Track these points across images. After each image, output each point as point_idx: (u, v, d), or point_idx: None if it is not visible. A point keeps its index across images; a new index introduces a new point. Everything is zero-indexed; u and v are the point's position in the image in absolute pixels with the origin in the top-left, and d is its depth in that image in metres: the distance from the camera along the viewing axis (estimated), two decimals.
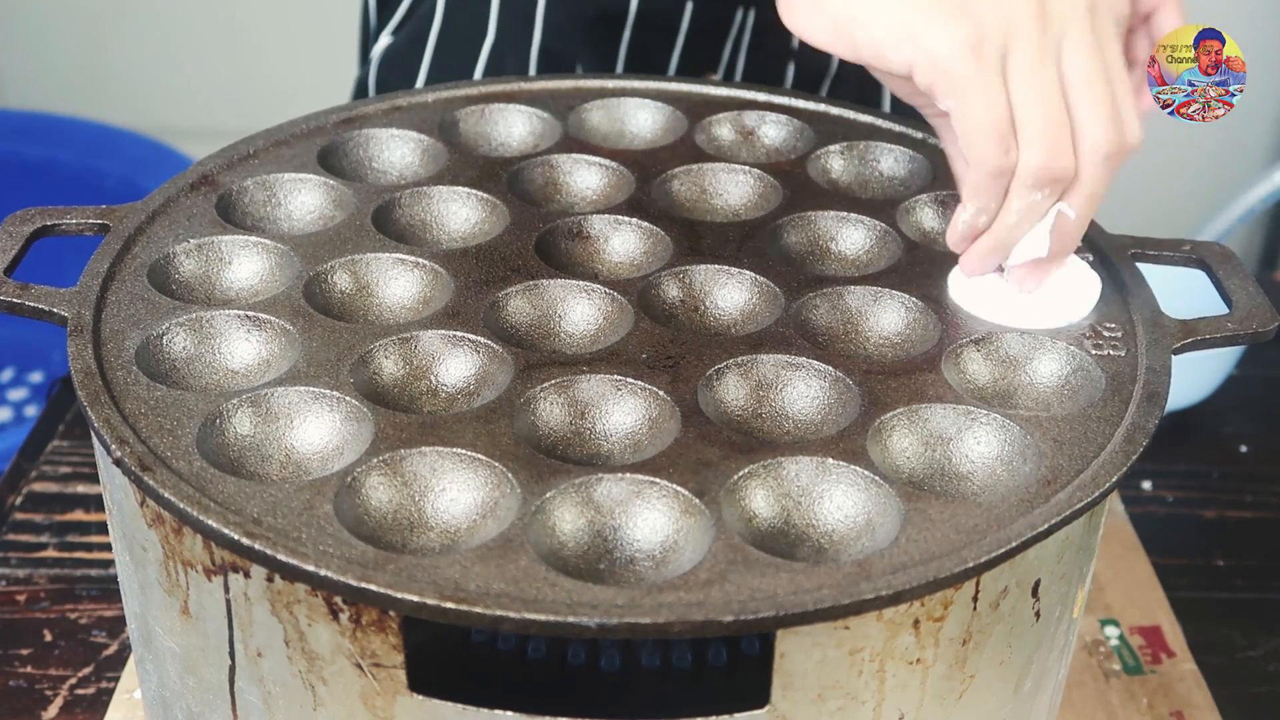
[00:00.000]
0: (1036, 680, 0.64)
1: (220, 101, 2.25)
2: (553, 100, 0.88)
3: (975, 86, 0.63)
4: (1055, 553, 0.60)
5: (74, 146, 1.96)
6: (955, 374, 0.67)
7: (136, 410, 0.61)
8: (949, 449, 0.63)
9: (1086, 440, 0.62)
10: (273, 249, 0.73)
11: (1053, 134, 0.64)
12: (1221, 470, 1.08)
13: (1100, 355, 0.67)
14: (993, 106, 0.64)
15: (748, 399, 0.66)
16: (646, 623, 0.52)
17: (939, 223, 0.79)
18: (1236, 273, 0.72)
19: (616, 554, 0.58)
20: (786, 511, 0.60)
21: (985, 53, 0.63)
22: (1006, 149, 0.64)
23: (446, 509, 0.60)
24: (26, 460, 1.04)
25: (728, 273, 0.73)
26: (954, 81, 0.64)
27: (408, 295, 0.72)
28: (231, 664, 0.60)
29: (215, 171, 0.79)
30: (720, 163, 0.82)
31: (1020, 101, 0.64)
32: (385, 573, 0.54)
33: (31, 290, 0.67)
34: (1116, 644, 0.90)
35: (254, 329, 0.67)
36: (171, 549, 0.60)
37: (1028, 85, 0.64)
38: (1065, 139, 0.64)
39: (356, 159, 0.83)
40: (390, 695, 0.57)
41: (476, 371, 0.66)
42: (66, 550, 0.96)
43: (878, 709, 0.58)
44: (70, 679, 0.86)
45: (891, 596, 0.54)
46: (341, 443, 0.62)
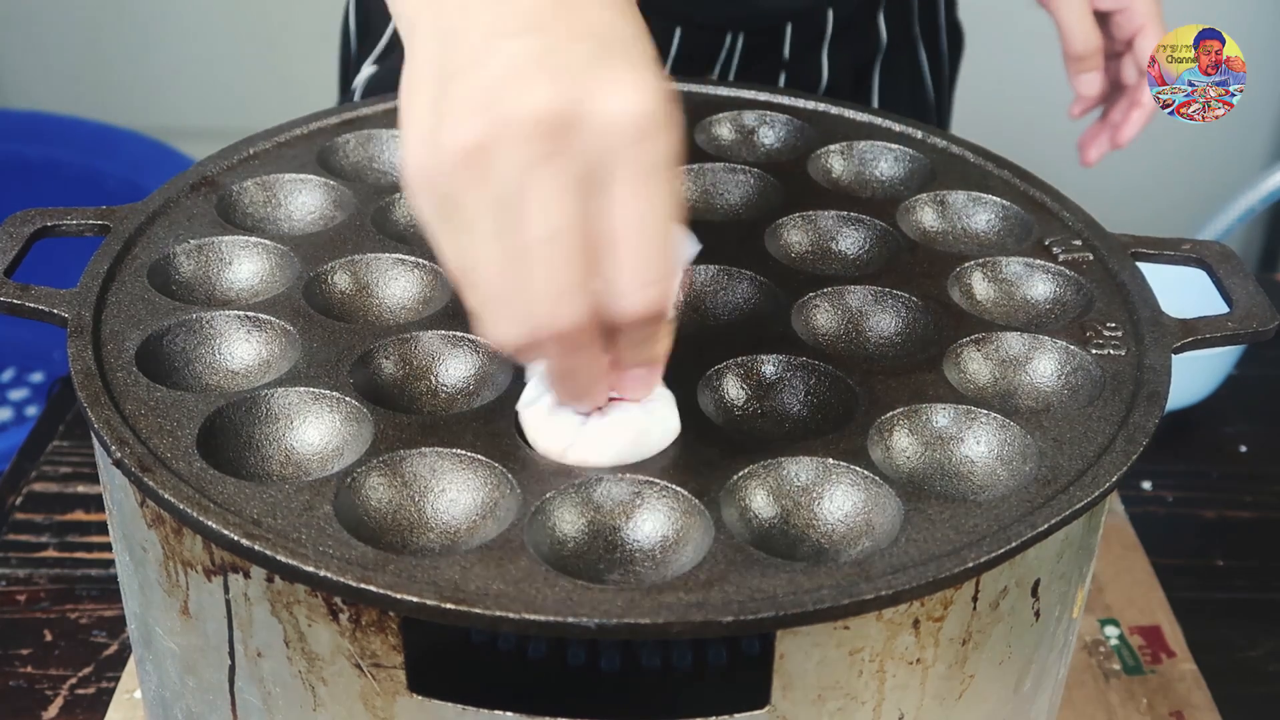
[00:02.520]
0: (1036, 680, 0.64)
1: (220, 101, 2.25)
2: None
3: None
4: (1055, 553, 0.60)
5: (75, 146, 1.96)
6: (955, 374, 0.67)
7: (136, 411, 0.61)
8: (949, 449, 0.63)
9: (1086, 440, 0.62)
10: (273, 249, 0.73)
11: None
12: (1221, 470, 1.08)
13: (1100, 355, 0.67)
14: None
15: (748, 399, 0.66)
16: (646, 623, 0.52)
17: (939, 222, 0.79)
18: (1236, 272, 0.72)
19: (616, 554, 0.58)
20: (786, 511, 0.60)
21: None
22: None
23: (446, 509, 0.60)
24: (27, 460, 1.03)
25: (728, 272, 0.73)
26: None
27: (408, 295, 0.72)
28: (231, 664, 0.60)
29: (215, 172, 0.79)
30: (720, 163, 0.82)
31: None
32: (385, 573, 0.54)
33: (32, 291, 0.67)
34: (1116, 644, 0.90)
35: (254, 329, 0.67)
36: (171, 549, 0.60)
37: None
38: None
39: (356, 159, 0.83)
40: (390, 696, 0.57)
41: (476, 371, 0.66)
42: (66, 550, 0.96)
43: (877, 709, 0.58)
44: (70, 679, 0.86)
45: (891, 596, 0.54)
46: (341, 443, 0.62)
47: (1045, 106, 1.56)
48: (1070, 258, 0.74)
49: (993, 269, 0.74)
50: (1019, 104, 1.96)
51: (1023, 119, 1.87)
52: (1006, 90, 1.97)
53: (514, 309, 0.52)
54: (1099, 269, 0.73)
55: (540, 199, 0.50)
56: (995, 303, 0.73)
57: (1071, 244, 0.75)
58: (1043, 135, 1.46)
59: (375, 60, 1.11)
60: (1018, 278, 0.74)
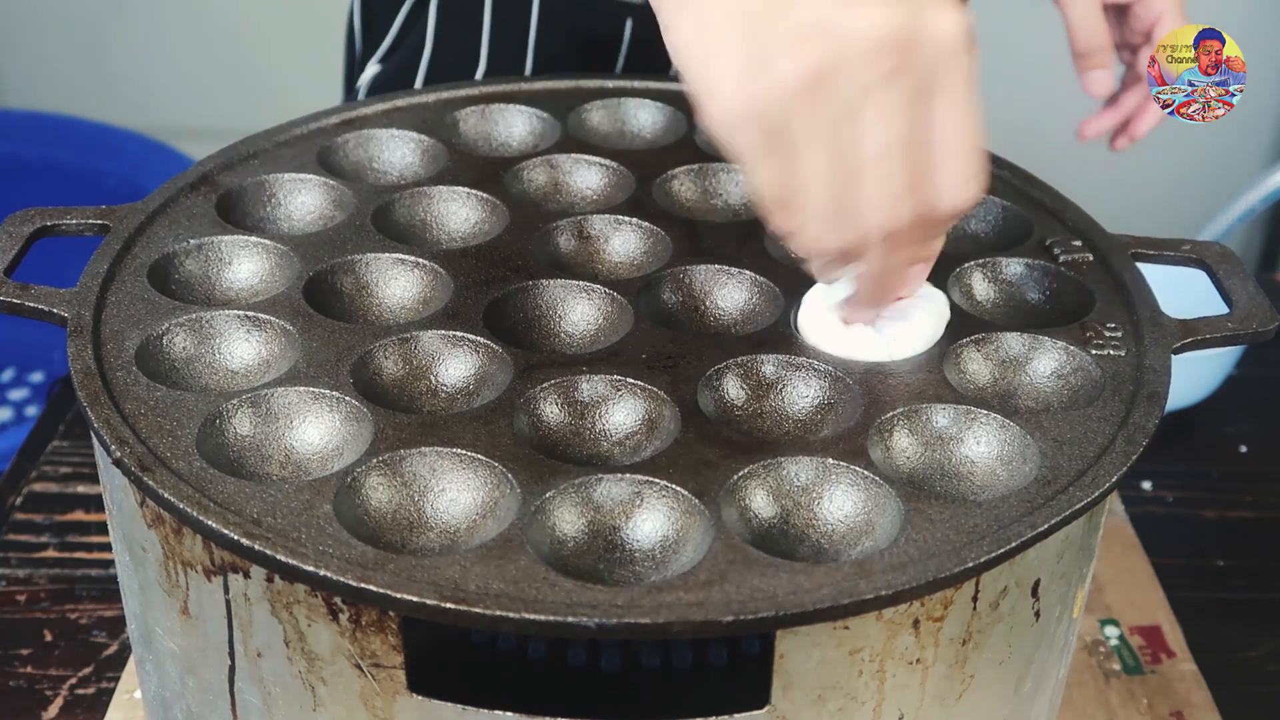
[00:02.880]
0: (1036, 680, 0.64)
1: (220, 101, 2.25)
2: (553, 100, 0.88)
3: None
4: (1055, 553, 0.60)
5: (75, 147, 1.96)
6: (955, 374, 0.67)
7: (136, 410, 0.61)
8: (949, 449, 0.63)
9: (1086, 440, 0.62)
10: (273, 249, 0.73)
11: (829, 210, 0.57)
12: (1221, 470, 1.08)
13: (1100, 355, 0.67)
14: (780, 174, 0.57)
15: (748, 399, 0.66)
16: (646, 623, 0.52)
17: None
18: (1236, 272, 0.72)
19: (616, 554, 0.58)
20: (786, 511, 0.60)
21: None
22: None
23: (446, 509, 0.60)
24: (27, 460, 1.03)
25: (728, 273, 0.73)
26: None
27: (408, 295, 0.72)
28: (231, 664, 0.60)
29: (215, 171, 0.79)
30: (720, 163, 0.82)
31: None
32: (385, 573, 0.54)
33: (31, 290, 0.67)
34: (1116, 644, 0.90)
35: (254, 329, 0.67)
36: (171, 549, 0.60)
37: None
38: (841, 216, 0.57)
39: (356, 159, 0.83)
40: (390, 696, 0.57)
41: (476, 371, 0.66)
42: (66, 550, 0.96)
43: (877, 709, 0.58)
44: (70, 679, 0.86)
45: (891, 596, 0.54)
46: (341, 443, 0.62)
47: (1045, 106, 1.56)
48: (1070, 258, 0.74)
49: (993, 269, 0.74)
50: (1019, 104, 1.96)
51: (1023, 119, 1.87)
52: (1006, 90, 1.97)
53: (845, 219, 0.56)
54: (1099, 269, 0.73)
55: (879, 114, 0.54)
56: (995, 303, 0.73)
57: (1071, 244, 0.75)
58: (1043, 135, 1.46)
59: (380, 60, 1.11)
60: (1018, 278, 0.74)
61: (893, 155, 0.55)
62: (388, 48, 1.11)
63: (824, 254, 0.59)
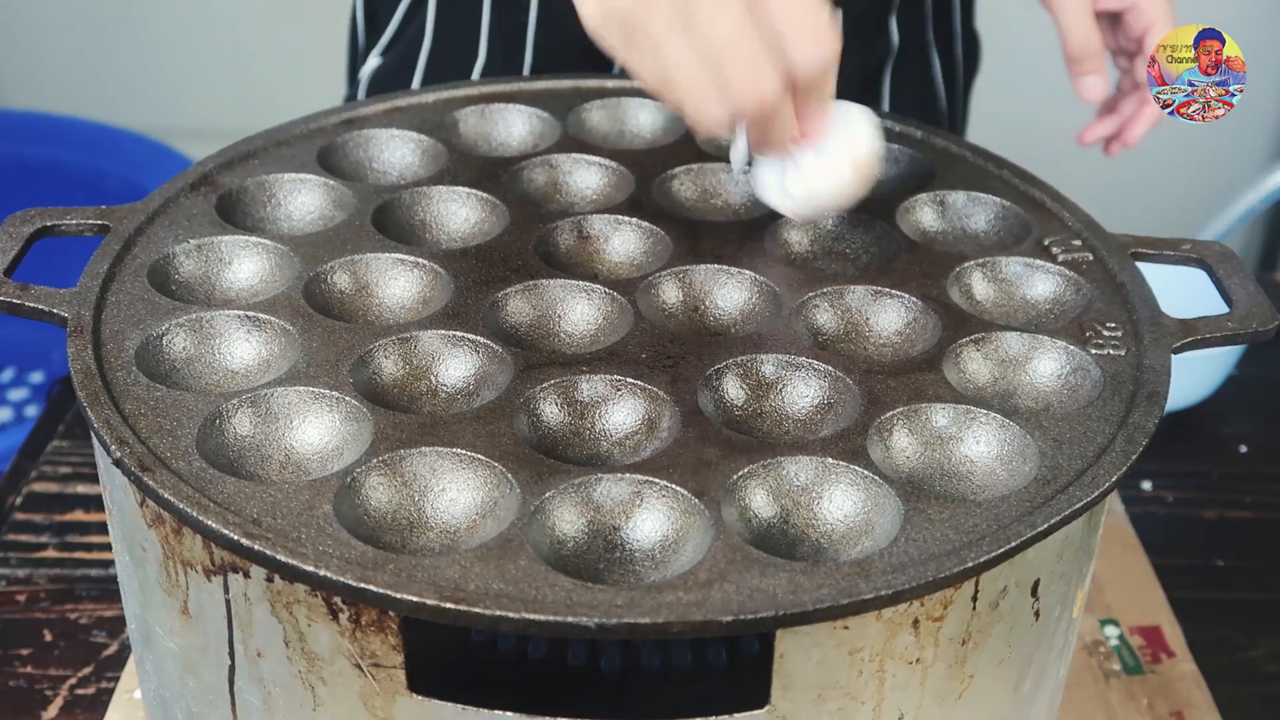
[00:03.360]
0: (1036, 680, 0.64)
1: (220, 101, 2.25)
2: (553, 100, 0.88)
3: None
4: (1055, 553, 0.60)
5: (74, 146, 1.96)
6: (955, 374, 0.67)
7: (136, 410, 0.61)
8: (949, 449, 0.63)
9: (1086, 440, 0.62)
10: (272, 249, 0.73)
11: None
12: (1221, 470, 1.08)
13: (1100, 355, 0.67)
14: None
15: (748, 399, 0.66)
16: (646, 623, 0.52)
17: (939, 223, 0.79)
18: (1236, 272, 0.72)
19: (616, 554, 0.58)
20: (786, 511, 0.60)
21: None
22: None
23: (446, 509, 0.60)
24: (26, 460, 1.03)
25: (728, 273, 0.73)
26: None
27: (407, 295, 0.72)
28: (231, 664, 0.60)
29: (215, 171, 0.79)
30: (720, 163, 0.82)
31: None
32: (385, 573, 0.54)
33: (31, 290, 0.67)
34: (1116, 644, 0.90)
35: (254, 329, 0.67)
36: (171, 549, 0.60)
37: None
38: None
39: (356, 159, 0.83)
40: (390, 695, 0.57)
41: (476, 371, 0.66)
42: (66, 550, 0.96)
43: (877, 709, 0.58)
44: (70, 679, 0.86)
45: (891, 596, 0.54)
46: (341, 443, 0.62)
47: (1045, 106, 1.56)
48: (1070, 258, 0.74)
49: (993, 269, 0.74)
50: (1019, 104, 1.96)
51: (1023, 119, 1.87)
52: (1005, 90, 1.97)
53: (719, 96, 0.64)
54: (1099, 269, 0.73)
55: (707, 7, 0.62)
56: (995, 303, 0.73)
57: (1071, 244, 0.75)
58: (1043, 135, 1.46)
59: (381, 52, 1.11)
60: (1018, 278, 0.74)
61: (741, 33, 0.62)
62: (388, 40, 1.11)
63: (715, 124, 0.65)
